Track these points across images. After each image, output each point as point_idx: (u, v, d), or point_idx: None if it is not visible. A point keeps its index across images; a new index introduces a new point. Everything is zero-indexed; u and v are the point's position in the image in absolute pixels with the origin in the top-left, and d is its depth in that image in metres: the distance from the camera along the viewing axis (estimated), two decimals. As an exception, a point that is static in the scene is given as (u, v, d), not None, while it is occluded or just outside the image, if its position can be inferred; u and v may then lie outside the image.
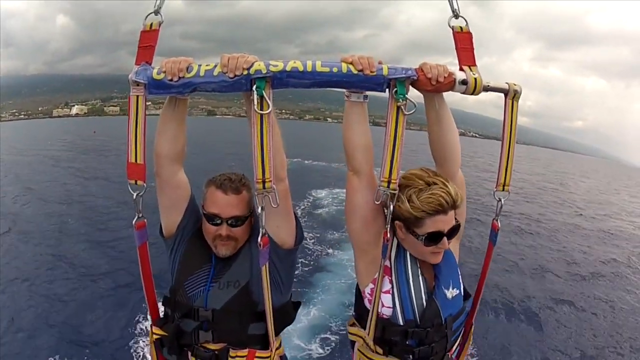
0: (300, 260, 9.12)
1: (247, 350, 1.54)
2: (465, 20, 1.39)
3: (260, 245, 1.34)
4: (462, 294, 1.57)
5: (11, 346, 5.49)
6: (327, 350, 5.86)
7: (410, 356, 1.48)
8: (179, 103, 1.42)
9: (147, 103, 1.34)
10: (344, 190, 1.50)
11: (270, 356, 1.56)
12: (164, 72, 1.26)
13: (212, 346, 1.54)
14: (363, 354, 1.54)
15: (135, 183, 1.35)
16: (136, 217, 1.40)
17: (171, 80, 1.26)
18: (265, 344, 1.56)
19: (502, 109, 1.45)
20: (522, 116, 1.40)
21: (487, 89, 1.37)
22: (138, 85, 1.28)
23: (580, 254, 12.09)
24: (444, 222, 1.39)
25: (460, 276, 1.56)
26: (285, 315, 1.65)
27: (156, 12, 1.34)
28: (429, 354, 1.48)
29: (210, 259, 1.59)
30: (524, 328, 7.26)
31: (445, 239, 1.41)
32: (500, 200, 1.52)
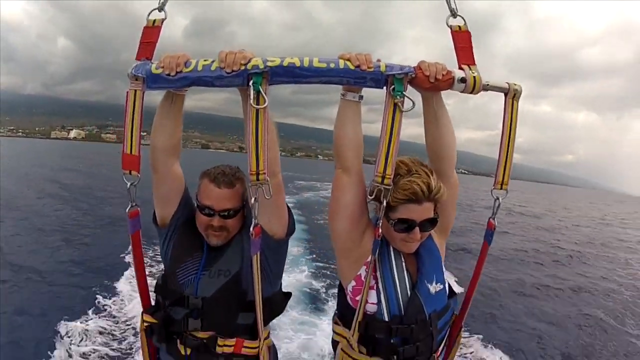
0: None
1: (235, 339, 1.55)
2: (464, 19, 1.38)
3: (252, 234, 1.34)
4: (447, 290, 1.54)
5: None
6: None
7: (395, 356, 1.44)
8: (175, 99, 1.45)
9: (143, 133, 1.38)
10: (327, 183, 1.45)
11: (258, 346, 1.57)
12: (162, 67, 1.29)
13: (200, 334, 1.56)
14: (346, 354, 1.51)
15: (130, 173, 1.38)
16: (129, 205, 1.45)
17: (169, 75, 1.28)
18: (253, 334, 1.56)
19: (493, 146, 1.47)
20: (514, 153, 1.44)
21: (486, 88, 1.36)
22: (137, 79, 1.31)
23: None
24: (416, 212, 1.38)
25: (444, 272, 1.54)
26: (275, 305, 1.67)
27: (160, 9, 1.37)
28: (414, 353, 1.44)
29: (202, 247, 1.63)
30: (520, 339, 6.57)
31: (417, 229, 1.40)
32: (497, 198, 1.49)
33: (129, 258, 7.93)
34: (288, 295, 1.77)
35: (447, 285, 1.55)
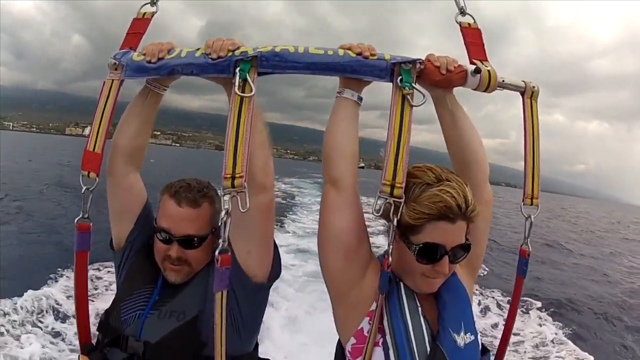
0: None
1: None
2: (473, 18, 1.27)
3: (217, 261, 0.99)
4: (480, 344, 1.16)
5: None
6: None
7: None
8: (150, 96, 1.29)
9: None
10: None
11: None
12: (144, 54, 1.17)
13: None
14: None
15: (88, 175, 1.18)
16: (80, 215, 1.19)
17: (150, 61, 1.16)
18: None
19: (504, 155, 1.43)
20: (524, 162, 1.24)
21: (501, 85, 1.22)
22: (116, 69, 1.21)
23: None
24: (447, 234, 1.04)
25: (474, 320, 1.17)
26: None
27: (152, 3, 1.31)
28: None
29: (156, 279, 1.33)
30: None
31: (446, 258, 1.05)
32: (529, 217, 1.22)
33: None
34: None
35: (479, 337, 1.16)
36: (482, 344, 1.19)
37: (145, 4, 1.31)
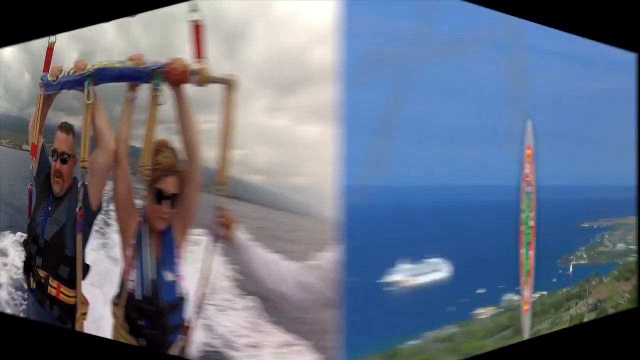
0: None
1: (57, 282, 1.88)
2: (202, 16, 1.49)
3: (77, 215, 1.78)
4: (179, 285, 1.62)
5: None
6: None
7: (144, 339, 1.59)
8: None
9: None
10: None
11: (74, 295, 1.86)
12: (50, 75, 1.89)
13: (41, 272, 1.93)
14: (116, 330, 1.68)
15: (32, 159, 2.03)
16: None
17: (52, 81, 1.87)
18: (72, 285, 1.87)
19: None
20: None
21: (211, 80, 1.49)
22: (41, 86, 1.95)
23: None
24: (167, 184, 1.59)
25: (179, 267, 1.63)
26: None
27: (53, 38, 2.03)
28: (158, 339, 1.57)
29: (49, 195, 2.00)
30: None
31: (168, 202, 1.60)
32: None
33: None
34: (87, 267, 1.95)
35: (181, 281, 1.65)
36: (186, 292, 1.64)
37: (52, 37, 2.06)
